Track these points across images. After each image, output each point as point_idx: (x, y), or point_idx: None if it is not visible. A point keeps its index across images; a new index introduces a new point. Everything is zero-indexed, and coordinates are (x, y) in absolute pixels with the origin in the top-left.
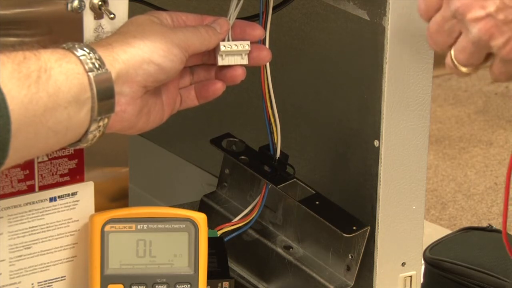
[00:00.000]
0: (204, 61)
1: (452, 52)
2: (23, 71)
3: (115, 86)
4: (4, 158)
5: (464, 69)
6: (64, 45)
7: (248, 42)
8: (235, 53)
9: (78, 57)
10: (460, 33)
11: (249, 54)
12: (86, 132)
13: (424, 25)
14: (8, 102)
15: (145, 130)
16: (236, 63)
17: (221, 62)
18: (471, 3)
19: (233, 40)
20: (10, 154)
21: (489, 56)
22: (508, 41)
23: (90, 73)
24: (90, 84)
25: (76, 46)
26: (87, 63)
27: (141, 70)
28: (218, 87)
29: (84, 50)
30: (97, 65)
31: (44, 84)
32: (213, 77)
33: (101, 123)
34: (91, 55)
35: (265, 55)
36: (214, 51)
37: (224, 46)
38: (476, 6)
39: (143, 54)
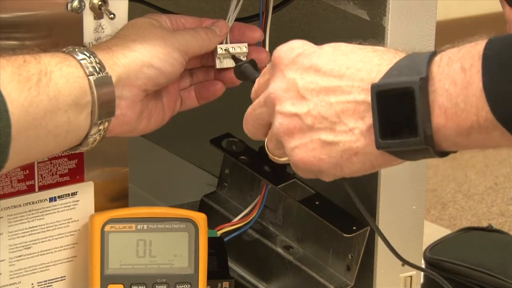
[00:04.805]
0: (203, 63)
1: (266, 140)
2: (23, 74)
3: (115, 89)
4: (4, 161)
5: (279, 159)
6: (64, 49)
7: (246, 44)
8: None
9: (78, 60)
10: (270, 123)
11: (249, 56)
12: (86, 136)
13: (424, 24)
14: (8, 105)
15: (146, 133)
16: (234, 66)
17: (219, 65)
18: (283, 96)
19: (231, 42)
20: (10, 157)
21: None
22: (301, 146)
23: (90, 77)
24: (91, 87)
25: (77, 50)
26: (87, 67)
27: (142, 74)
28: (218, 88)
29: (85, 54)
30: (97, 69)
31: (45, 87)
32: (213, 78)
33: (101, 127)
34: (92, 58)
35: (264, 57)
36: (213, 54)
37: (222, 49)
38: (288, 101)
39: (143, 58)
